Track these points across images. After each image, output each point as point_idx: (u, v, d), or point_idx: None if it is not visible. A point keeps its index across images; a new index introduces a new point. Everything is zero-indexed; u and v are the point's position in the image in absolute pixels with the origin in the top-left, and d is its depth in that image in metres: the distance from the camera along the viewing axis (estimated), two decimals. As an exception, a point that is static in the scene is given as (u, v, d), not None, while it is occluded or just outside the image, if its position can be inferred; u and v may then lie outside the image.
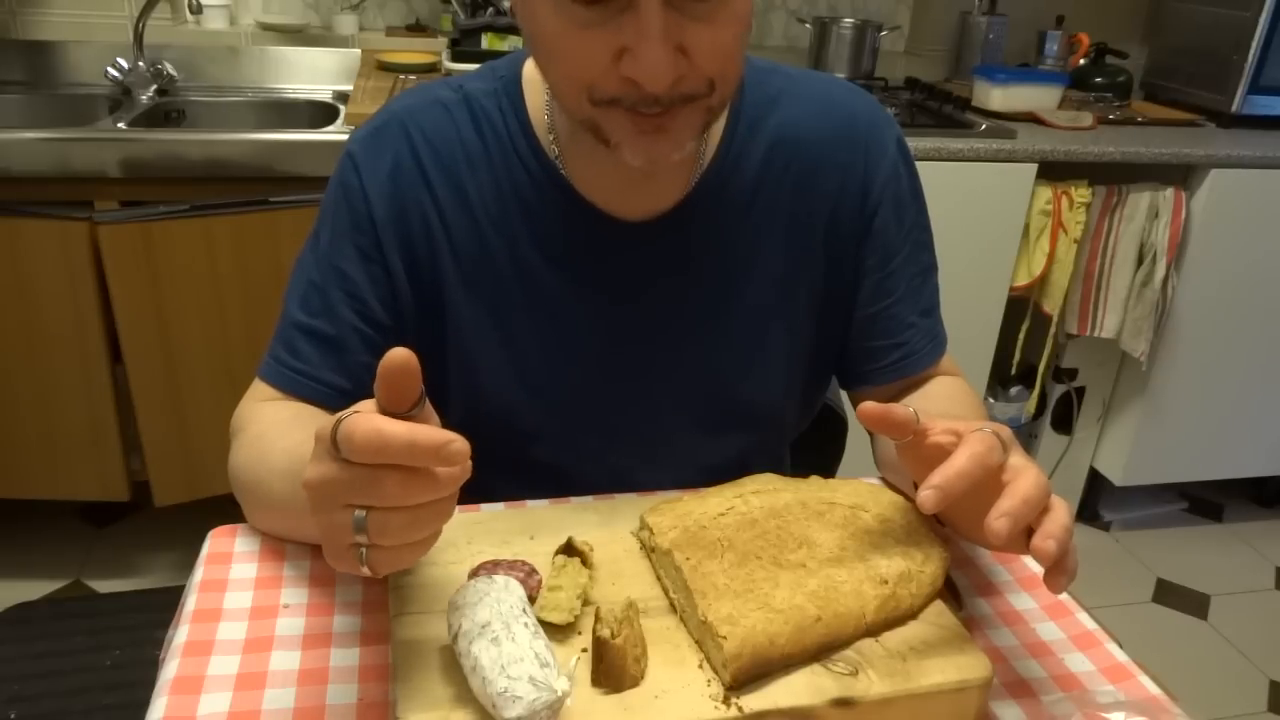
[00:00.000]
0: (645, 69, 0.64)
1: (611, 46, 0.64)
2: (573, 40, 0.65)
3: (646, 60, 0.63)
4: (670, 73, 0.64)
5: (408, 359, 0.50)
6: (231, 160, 1.74)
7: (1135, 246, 2.09)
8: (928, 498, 0.58)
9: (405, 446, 0.48)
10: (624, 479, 0.85)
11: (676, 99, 0.67)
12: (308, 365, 0.81)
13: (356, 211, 0.81)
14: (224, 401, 0.85)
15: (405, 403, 0.51)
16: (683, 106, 0.68)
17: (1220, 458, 2.40)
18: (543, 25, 0.66)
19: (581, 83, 0.67)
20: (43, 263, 1.70)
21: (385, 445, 0.48)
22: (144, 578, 2.04)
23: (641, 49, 0.63)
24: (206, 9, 2.15)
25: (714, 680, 0.60)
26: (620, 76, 0.65)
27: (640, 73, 0.64)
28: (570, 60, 0.67)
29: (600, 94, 0.67)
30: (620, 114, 0.68)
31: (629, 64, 0.64)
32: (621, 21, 0.63)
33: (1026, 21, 2.51)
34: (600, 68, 0.66)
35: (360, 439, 0.48)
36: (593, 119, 0.69)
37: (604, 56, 0.65)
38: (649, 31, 0.62)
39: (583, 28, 0.64)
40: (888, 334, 0.89)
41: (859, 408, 0.64)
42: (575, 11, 0.64)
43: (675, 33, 0.63)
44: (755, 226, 0.84)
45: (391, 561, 0.52)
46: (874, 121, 0.87)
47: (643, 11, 0.62)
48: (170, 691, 0.63)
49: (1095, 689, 0.67)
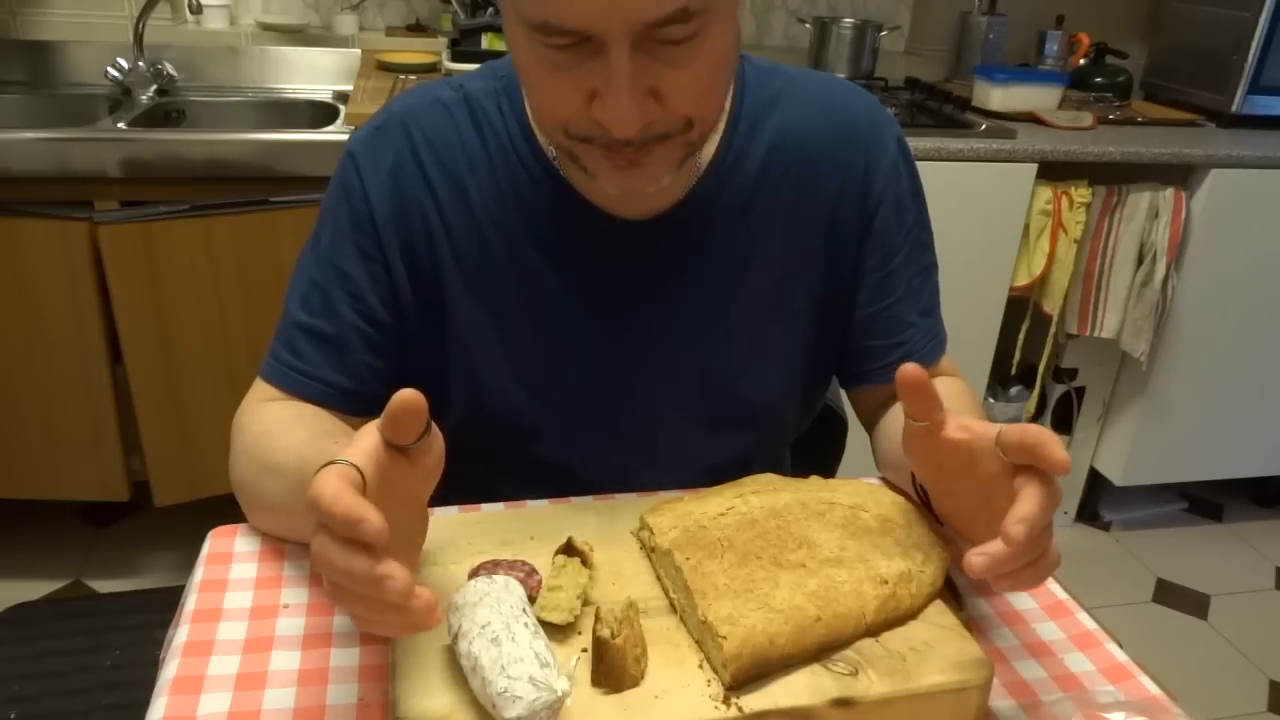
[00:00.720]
0: (612, 115, 0.64)
1: (583, 89, 0.64)
2: (547, 80, 0.66)
3: (614, 108, 0.63)
4: (638, 120, 0.64)
5: (414, 401, 0.52)
6: (231, 160, 1.74)
7: (1135, 246, 2.09)
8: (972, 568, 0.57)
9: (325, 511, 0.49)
10: (624, 478, 0.85)
11: (650, 138, 0.67)
12: (309, 365, 0.81)
13: (357, 211, 0.81)
14: (224, 401, 0.85)
15: (407, 437, 0.54)
16: (658, 144, 0.68)
17: (1220, 458, 2.40)
18: (522, 61, 0.67)
19: (557, 119, 0.68)
20: (43, 263, 1.70)
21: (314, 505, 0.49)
22: (144, 578, 2.04)
23: (610, 97, 0.63)
24: (206, 9, 2.15)
25: (714, 680, 0.60)
26: (592, 118, 0.66)
27: (608, 118, 0.64)
28: (546, 98, 0.68)
29: (574, 132, 0.68)
30: (595, 149, 0.68)
31: (599, 108, 0.65)
32: (593, 66, 0.63)
33: (1026, 21, 2.51)
34: (573, 108, 0.66)
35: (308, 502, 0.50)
36: (570, 149, 0.70)
37: (576, 98, 0.65)
38: (616, 81, 0.62)
39: (556, 70, 0.64)
40: (888, 333, 0.89)
41: (900, 367, 0.62)
42: (547, 54, 0.64)
43: (646, 78, 0.63)
44: (755, 226, 0.84)
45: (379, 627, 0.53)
46: (874, 121, 0.87)
47: (611, 60, 0.61)
48: (170, 691, 0.63)
49: (1095, 689, 0.67)
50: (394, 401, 0.52)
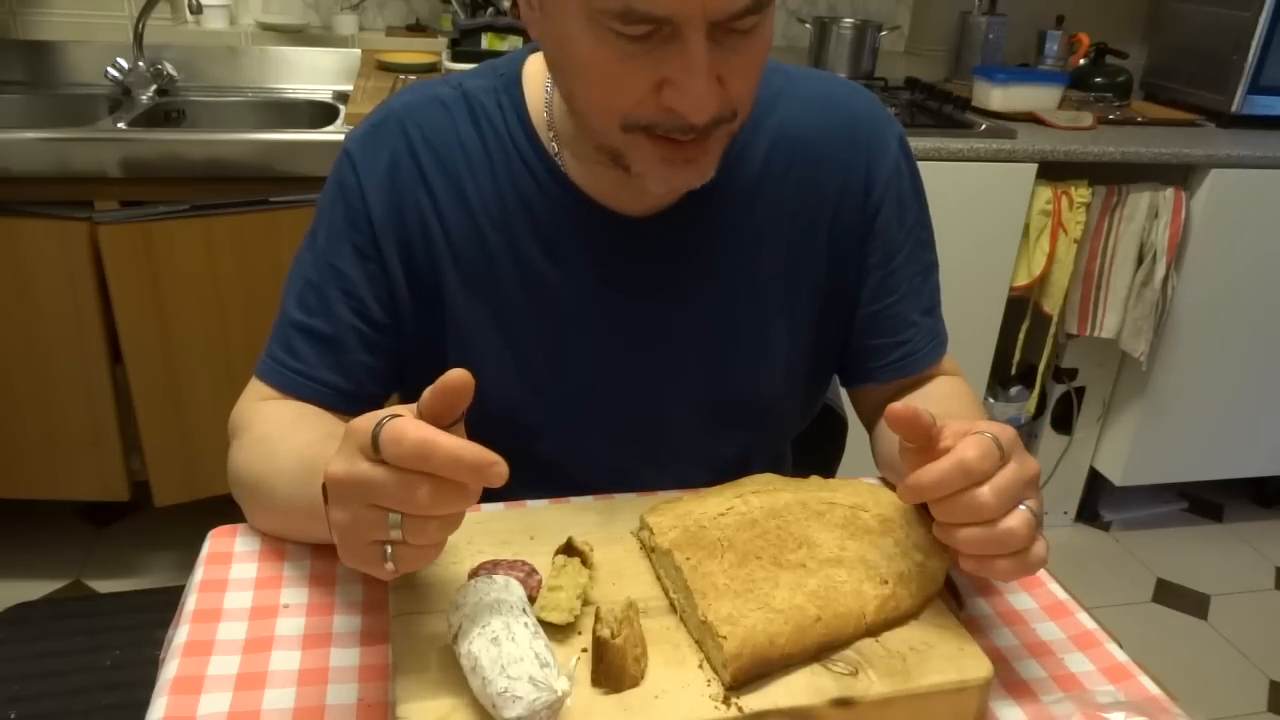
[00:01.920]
0: (691, 102, 0.64)
1: (653, 77, 0.65)
2: (612, 70, 0.65)
3: (693, 94, 0.64)
4: (715, 105, 0.65)
5: (467, 382, 0.53)
6: (231, 160, 1.74)
7: (1135, 246, 2.09)
8: (902, 493, 0.63)
9: (450, 460, 0.50)
10: (625, 477, 0.85)
11: (710, 124, 0.67)
12: (305, 364, 0.81)
13: (353, 210, 0.81)
14: (224, 401, 0.85)
15: (449, 418, 0.54)
16: (713, 132, 0.68)
17: (1220, 458, 2.40)
18: (580, 51, 0.66)
19: (617, 110, 0.67)
20: (43, 263, 1.70)
21: (432, 454, 0.50)
22: (144, 578, 2.04)
23: (687, 84, 0.63)
24: (206, 9, 2.15)
25: (714, 680, 0.60)
26: (658, 105, 0.66)
27: (685, 105, 0.65)
28: (608, 89, 0.67)
29: (634, 121, 0.67)
30: (647, 143, 0.68)
31: (671, 95, 0.65)
32: (665, 53, 0.63)
33: (1026, 21, 2.51)
34: (638, 97, 0.66)
35: (410, 445, 0.50)
36: (617, 147, 0.70)
37: (644, 87, 0.65)
38: (696, 67, 0.63)
39: (624, 59, 0.64)
40: (890, 332, 0.89)
41: (886, 410, 0.64)
42: (618, 43, 0.63)
43: (716, 65, 0.64)
44: (757, 224, 0.84)
45: (416, 559, 0.54)
46: (875, 120, 0.87)
47: (689, 46, 0.62)
48: (170, 691, 0.63)
49: (1095, 689, 0.67)
50: (446, 379, 0.53)
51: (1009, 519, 0.60)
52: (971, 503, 0.60)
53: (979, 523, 0.60)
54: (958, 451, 0.60)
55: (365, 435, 0.51)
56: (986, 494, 0.60)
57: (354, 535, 0.53)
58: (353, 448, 0.52)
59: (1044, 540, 0.62)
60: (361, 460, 0.52)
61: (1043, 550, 0.62)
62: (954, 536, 0.61)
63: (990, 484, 0.60)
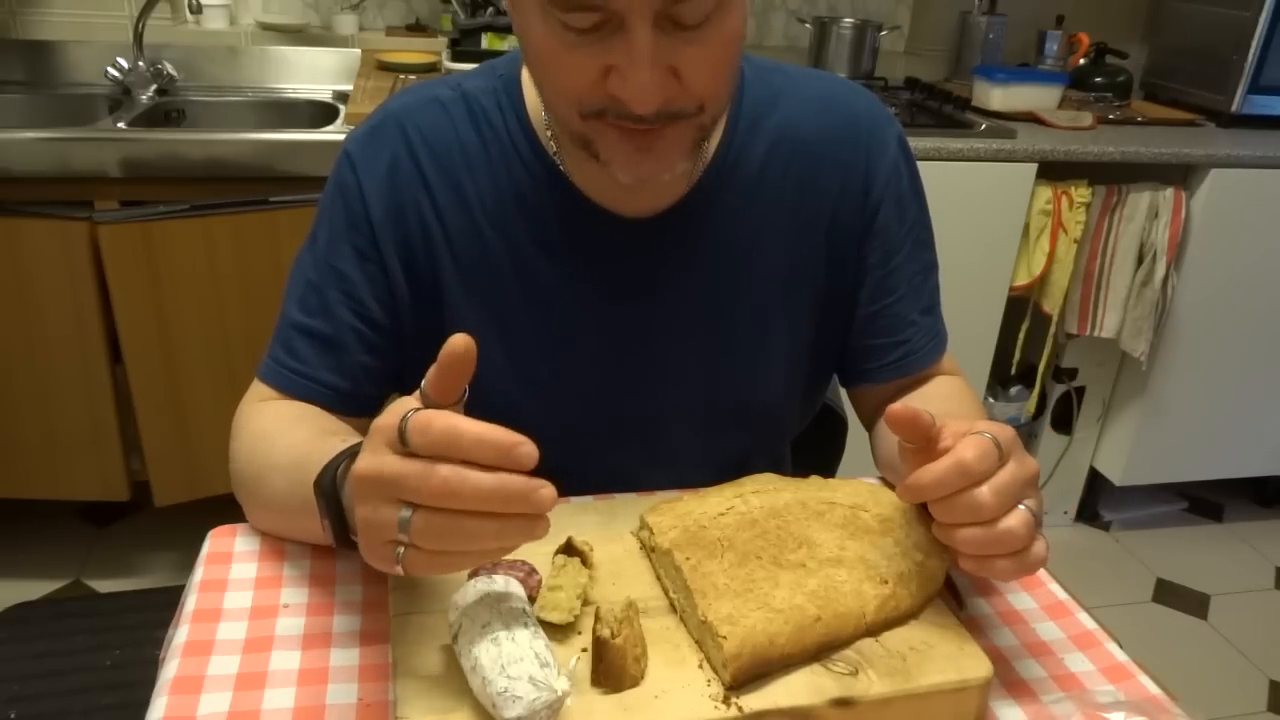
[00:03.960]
0: (633, 91, 0.64)
1: (599, 63, 0.64)
2: (561, 56, 0.65)
3: (635, 83, 0.63)
4: (658, 96, 0.64)
5: (469, 347, 0.53)
6: (231, 160, 1.74)
7: (1135, 246, 2.09)
8: (902, 493, 0.64)
9: (476, 441, 0.50)
10: (624, 478, 0.85)
11: (664, 117, 0.66)
12: (305, 365, 0.81)
13: (353, 211, 0.81)
14: (224, 401, 0.85)
15: (453, 394, 0.55)
16: (670, 125, 0.67)
17: (1220, 458, 2.40)
18: (533, 37, 0.67)
19: (572, 95, 0.67)
20: (43, 263, 1.70)
21: (459, 438, 0.50)
22: (144, 578, 2.04)
23: (630, 72, 0.63)
24: (206, 9, 2.15)
25: (714, 680, 0.60)
26: (607, 92, 0.66)
27: (627, 93, 0.64)
28: (560, 73, 0.67)
29: (589, 107, 0.67)
30: (609, 129, 0.68)
31: (616, 83, 0.64)
32: (612, 43, 0.63)
33: (1026, 21, 2.51)
34: (588, 81, 0.66)
35: (438, 431, 0.51)
36: (583, 134, 0.70)
37: (592, 73, 0.65)
38: (638, 57, 0.62)
39: (571, 48, 0.64)
40: (889, 332, 0.89)
41: (886, 410, 0.64)
42: (565, 34, 0.64)
43: (665, 55, 0.63)
44: (756, 224, 0.84)
45: (426, 565, 0.53)
46: (875, 120, 0.87)
47: (632, 35, 0.62)
48: (170, 691, 0.63)
49: (1095, 689, 0.67)
50: (448, 347, 0.53)
51: (1008, 519, 0.60)
52: (971, 503, 0.60)
53: (978, 523, 0.60)
54: (956, 452, 0.60)
55: (392, 430, 0.52)
56: (985, 494, 0.60)
57: (371, 533, 0.53)
58: (379, 443, 0.53)
59: (1044, 540, 0.62)
60: (388, 453, 0.52)
61: (1042, 550, 0.62)
62: (953, 536, 0.61)
63: (989, 484, 0.60)
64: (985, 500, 0.59)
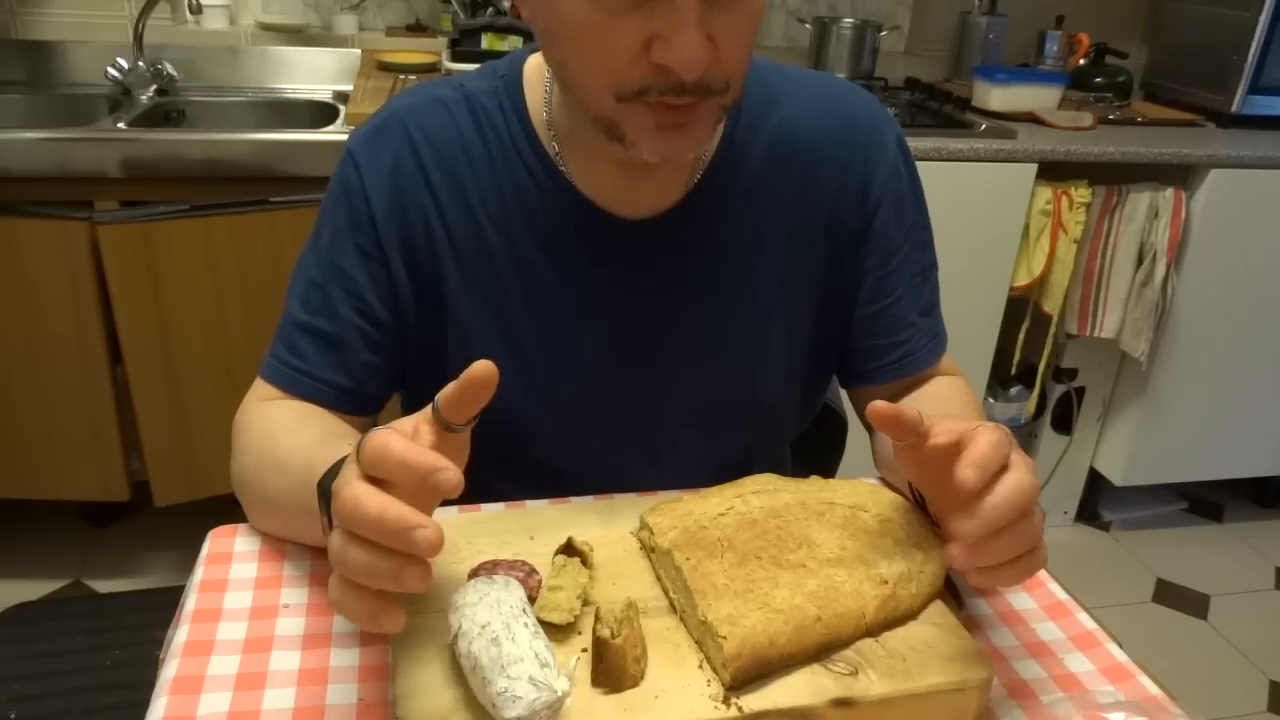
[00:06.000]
0: (681, 55, 0.64)
1: (642, 34, 0.65)
2: (603, 29, 0.65)
3: (683, 47, 0.64)
4: (704, 59, 0.65)
5: (492, 374, 0.53)
6: (231, 160, 1.74)
7: (1135, 246, 2.09)
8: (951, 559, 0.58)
9: (398, 463, 0.50)
10: (624, 478, 0.85)
11: (700, 90, 0.67)
12: (308, 364, 0.81)
13: (356, 210, 0.81)
14: (224, 401, 0.85)
15: (466, 415, 0.55)
16: (703, 100, 0.68)
17: (1220, 458, 2.40)
18: (570, 16, 0.66)
19: (610, 74, 0.67)
20: (43, 263, 1.70)
21: (384, 458, 0.50)
22: (144, 578, 2.04)
23: (677, 36, 0.64)
24: (206, 9, 2.15)
25: (714, 680, 0.60)
26: (649, 65, 0.66)
27: (675, 59, 0.65)
28: (599, 50, 0.67)
29: (628, 86, 0.67)
30: (642, 109, 0.68)
31: (661, 50, 0.65)
32: (654, 9, 0.64)
33: (1026, 21, 2.51)
34: (630, 56, 0.66)
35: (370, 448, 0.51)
36: (612, 117, 0.70)
37: (634, 44, 0.65)
38: (685, 19, 0.63)
39: (614, 16, 0.65)
40: (888, 333, 0.89)
41: (868, 407, 0.63)
42: (608, 2, 0.64)
43: (706, 21, 0.64)
44: (756, 225, 0.84)
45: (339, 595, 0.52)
46: (874, 120, 0.87)
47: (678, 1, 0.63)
48: (170, 691, 0.63)
49: (1095, 689, 0.67)
50: (471, 372, 0.53)
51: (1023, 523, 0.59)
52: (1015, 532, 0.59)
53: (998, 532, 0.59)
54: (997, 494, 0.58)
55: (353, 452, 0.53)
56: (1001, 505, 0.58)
57: None
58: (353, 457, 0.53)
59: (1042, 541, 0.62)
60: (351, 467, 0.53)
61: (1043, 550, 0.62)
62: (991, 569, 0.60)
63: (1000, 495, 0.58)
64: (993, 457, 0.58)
